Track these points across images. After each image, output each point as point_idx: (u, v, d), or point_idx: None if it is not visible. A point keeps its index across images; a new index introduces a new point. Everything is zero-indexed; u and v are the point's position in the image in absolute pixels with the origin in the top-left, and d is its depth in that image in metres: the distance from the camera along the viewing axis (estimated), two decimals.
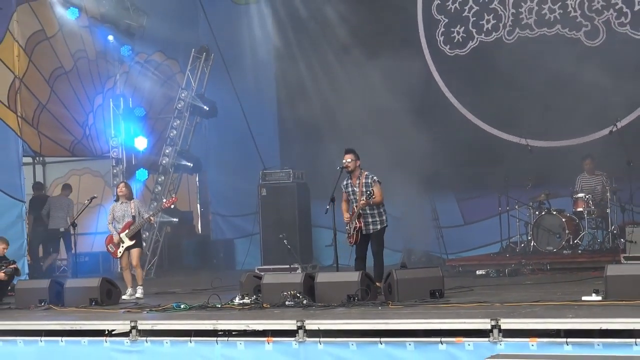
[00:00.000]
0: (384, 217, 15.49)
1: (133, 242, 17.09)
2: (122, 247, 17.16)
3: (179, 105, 23.68)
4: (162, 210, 19.69)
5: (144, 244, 19.66)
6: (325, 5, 21.68)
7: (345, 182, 15.48)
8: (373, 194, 15.06)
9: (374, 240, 15.47)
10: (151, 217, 17.42)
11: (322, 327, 12.16)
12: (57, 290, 16.08)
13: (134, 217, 17.12)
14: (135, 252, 17.19)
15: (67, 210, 22.12)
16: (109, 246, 17.53)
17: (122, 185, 17.75)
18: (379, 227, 15.42)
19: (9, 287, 17.47)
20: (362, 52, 21.01)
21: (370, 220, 15.34)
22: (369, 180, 15.34)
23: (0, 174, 20.11)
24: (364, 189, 15.29)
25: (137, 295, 16.70)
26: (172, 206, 20.24)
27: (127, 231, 17.11)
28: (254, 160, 22.25)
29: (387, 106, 19.83)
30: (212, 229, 25.08)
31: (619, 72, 19.26)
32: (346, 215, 15.39)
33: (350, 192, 15.41)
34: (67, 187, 19.48)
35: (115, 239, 17.19)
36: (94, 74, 23.10)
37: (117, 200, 17.46)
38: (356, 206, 15.31)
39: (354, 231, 15.35)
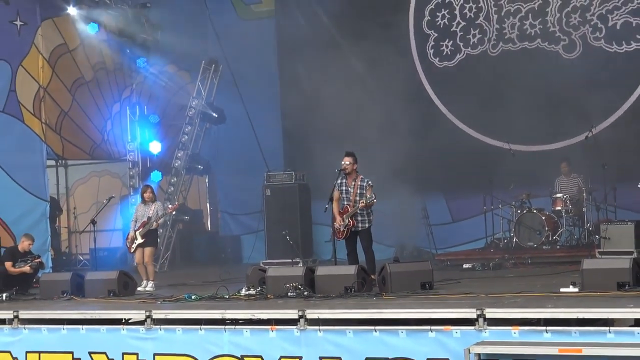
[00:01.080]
0: (372, 217, 15.51)
1: (144, 240, 17.18)
2: (135, 243, 17.28)
3: (190, 113, 23.75)
4: (166, 214, 19.70)
5: (159, 240, 19.69)
6: (326, 21, 21.70)
7: (339, 182, 15.46)
8: (374, 198, 15.14)
9: (364, 237, 15.49)
10: (155, 223, 17.45)
11: (322, 316, 12.16)
12: (78, 282, 16.09)
13: (149, 217, 17.22)
14: (147, 250, 17.32)
15: None
16: (126, 242, 17.69)
17: (145, 189, 17.96)
18: (367, 225, 15.45)
19: (34, 280, 17.49)
20: (359, 64, 21.01)
21: (359, 219, 15.35)
22: (364, 184, 15.37)
23: (26, 176, 20.14)
24: (359, 191, 15.32)
25: (148, 289, 16.73)
26: (174, 212, 20.32)
27: (140, 230, 17.22)
28: (259, 162, 22.27)
29: (382, 114, 19.82)
30: (220, 226, 25.08)
31: (594, 82, 19.28)
32: (338, 220, 15.41)
33: (344, 192, 15.42)
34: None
35: (131, 235, 17.34)
36: (112, 84, 23.11)
37: (142, 202, 17.60)
38: (349, 205, 15.34)
39: (344, 228, 15.38)
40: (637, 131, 17.83)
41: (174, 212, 20.36)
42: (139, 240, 17.25)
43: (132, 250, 17.46)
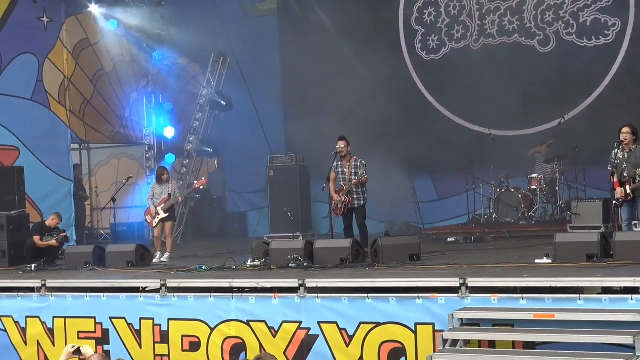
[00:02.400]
0: (366, 195, 15.53)
1: (167, 215, 17.21)
2: (158, 218, 17.28)
3: (201, 101, 23.81)
4: (193, 189, 19.75)
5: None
6: (324, 18, 21.64)
7: (335, 164, 15.51)
8: (366, 174, 15.17)
9: (359, 213, 15.51)
10: (180, 198, 17.50)
11: (320, 285, 12.19)
12: (100, 254, 16.10)
13: (169, 194, 17.25)
14: (168, 224, 17.37)
15: None
16: (147, 217, 17.67)
17: (160, 169, 18.08)
18: (362, 202, 15.47)
19: (60, 252, 17.49)
20: (354, 56, 20.95)
21: (355, 196, 15.38)
22: (358, 164, 15.41)
23: (53, 158, 20.14)
24: (353, 171, 15.34)
25: (163, 259, 16.74)
26: (202, 187, 20.30)
27: (162, 205, 17.22)
28: (263, 146, 22.25)
29: (374, 102, 19.82)
30: (228, 203, 25.07)
31: (566, 74, 19.28)
32: (335, 197, 15.43)
33: (340, 172, 15.46)
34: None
35: (153, 211, 17.33)
36: (130, 75, 23.08)
37: (157, 181, 17.59)
38: (345, 184, 15.36)
39: (342, 205, 15.40)
40: (605, 118, 17.79)
41: (202, 187, 20.48)
42: (162, 215, 17.27)
43: (154, 224, 17.47)
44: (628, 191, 13.64)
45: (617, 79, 18.98)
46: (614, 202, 14.18)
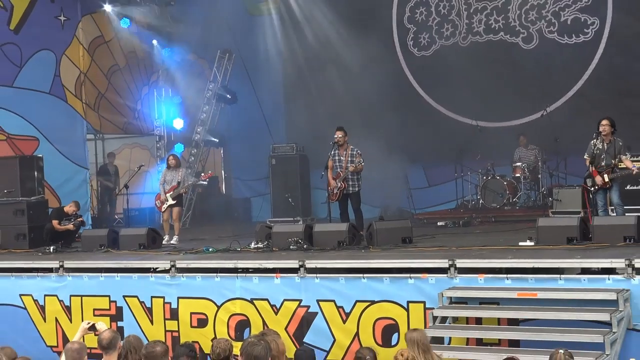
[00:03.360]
0: (361, 182, 15.57)
1: (175, 201, 17.22)
2: (166, 204, 17.29)
3: (208, 94, 23.79)
4: (200, 181, 19.75)
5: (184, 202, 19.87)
6: (321, 16, 21.58)
7: (333, 152, 15.54)
8: (362, 162, 15.24)
9: (354, 199, 15.56)
10: (183, 190, 17.49)
11: (318, 266, 12.20)
12: (114, 237, 16.11)
13: (179, 182, 17.27)
14: (176, 210, 17.37)
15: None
16: (156, 202, 17.70)
17: (171, 157, 18.02)
18: (357, 188, 15.52)
19: (77, 235, 17.50)
20: (349, 53, 20.91)
21: (350, 183, 15.43)
22: (354, 152, 15.44)
23: (70, 148, 20.14)
24: (350, 159, 15.36)
25: (173, 242, 16.75)
26: (206, 180, 20.33)
27: (171, 192, 17.22)
28: (266, 136, 22.22)
29: (369, 95, 19.79)
30: (233, 189, 25.09)
31: (548, 69, 19.28)
32: (332, 183, 15.45)
33: (337, 160, 15.50)
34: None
35: (162, 197, 17.34)
36: (142, 70, 23.05)
37: (168, 167, 17.60)
38: (341, 171, 15.38)
39: (337, 190, 15.44)
40: (584, 110, 17.80)
41: (206, 180, 20.47)
42: (171, 202, 17.29)
43: (163, 209, 17.49)
44: (606, 179, 13.66)
45: (596, 74, 18.98)
46: (589, 188, 14.17)
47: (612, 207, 13.83)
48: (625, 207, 13.97)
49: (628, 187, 14.69)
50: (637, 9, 18.42)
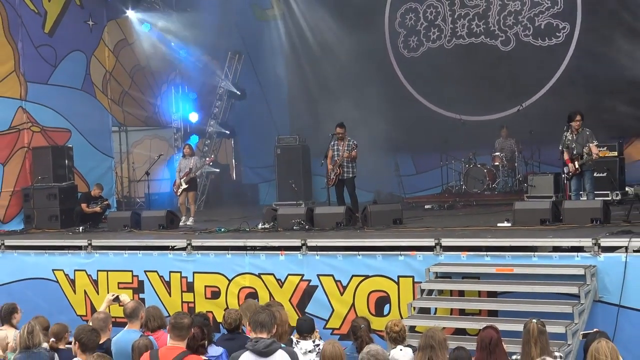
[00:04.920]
0: (356, 169, 15.59)
1: (187, 185, 17.31)
2: (181, 188, 17.35)
3: (220, 91, 23.81)
4: (205, 165, 19.85)
5: (198, 187, 19.92)
6: (321, 23, 21.50)
7: (333, 143, 15.63)
8: (355, 148, 15.37)
9: (349, 184, 15.59)
10: (193, 174, 17.57)
11: (319, 244, 12.23)
12: (136, 218, 16.12)
13: (190, 169, 17.36)
14: (190, 194, 17.51)
15: None
16: (173, 187, 17.82)
17: (186, 147, 18.36)
18: (351, 175, 15.55)
19: (103, 217, 17.54)
20: (346, 54, 20.86)
21: (345, 169, 15.47)
22: (351, 143, 15.49)
23: (97, 139, 20.12)
24: (346, 149, 15.40)
25: (189, 223, 16.78)
26: (210, 163, 20.53)
27: (185, 178, 17.27)
28: (271, 129, 22.20)
29: (364, 93, 19.73)
30: (242, 176, 25.06)
31: (524, 69, 19.21)
32: (330, 167, 15.50)
33: (335, 150, 15.52)
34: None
35: (177, 182, 17.44)
36: (161, 69, 23.00)
37: (183, 156, 17.77)
38: (338, 159, 15.41)
39: (334, 176, 15.48)
40: (556, 105, 17.74)
41: (210, 163, 20.67)
42: (184, 186, 17.38)
43: (179, 193, 17.56)
44: (577, 166, 13.67)
45: (567, 73, 18.94)
46: (564, 175, 14.19)
47: (582, 192, 13.84)
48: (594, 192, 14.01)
49: (595, 175, 14.67)
50: (603, 16, 18.38)
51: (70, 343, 8.19)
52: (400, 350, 6.43)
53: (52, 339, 8.45)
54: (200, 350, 7.31)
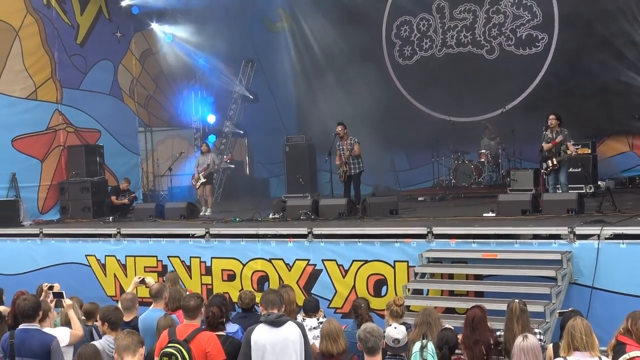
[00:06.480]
0: (361, 165, 15.59)
1: (205, 179, 17.36)
2: (199, 182, 17.39)
3: (235, 95, 23.82)
4: (224, 163, 19.95)
5: (214, 181, 19.90)
6: (325, 34, 21.52)
7: (338, 143, 15.60)
8: (356, 143, 15.45)
9: (355, 179, 15.59)
10: (211, 169, 17.63)
11: (323, 232, 12.23)
12: (160, 209, 16.18)
13: (208, 165, 17.40)
14: (207, 187, 17.55)
15: None
16: (192, 181, 17.85)
17: (203, 145, 18.59)
18: (357, 170, 15.54)
19: (131, 208, 17.58)
20: (347, 63, 20.87)
21: (352, 166, 15.46)
22: (352, 141, 15.48)
23: (125, 138, 20.19)
24: (349, 147, 15.38)
25: (207, 213, 16.81)
26: (228, 161, 20.56)
27: (203, 173, 17.30)
28: (281, 129, 22.21)
29: (363, 98, 19.65)
30: (255, 171, 25.07)
31: (507, 75, 19.13)
32: (338, 165, 15.49)
33: (340, 149, 15.51)
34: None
35: (196, 177, 17.48)
36: (182, 75, 22.99)
37: (201, 153, 17.84)
38: (344, 157, 15.41)
39: (343, 173, 15.48)
40: (535, 108, 17.70)
41: (228, 161, 20.72)
42: (202, 180, 17.42)
43: (197, 186, 17.61)
44: (554, 162, 13.66)
45: (545, 79, 18.91)
46: (542, 171, 14.18)
47: (559, 186, 13.84)
48: (569, 186, 14.00)
49: (571, 170, 14.67)
50: (578, 27, 18.32)
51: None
52: (395, 327, 6.44)
53: (83, 318, 8.53)
54: (219, 327, 7.33)
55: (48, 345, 7.13)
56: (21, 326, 7.35)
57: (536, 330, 7.64)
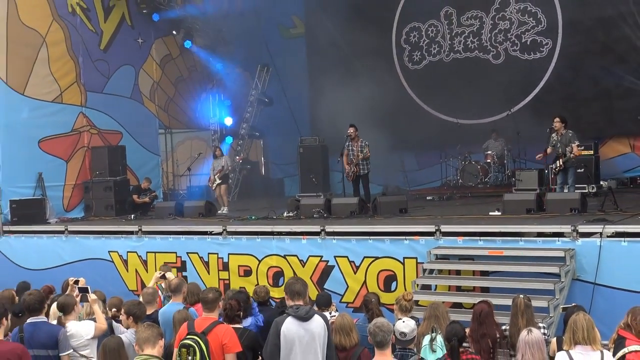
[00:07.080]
0: (370, 166, 15.58)
1: (220, 180, 17.45)
2: (215, 183, 17.45)
3: (251, 99, 23.81)
4: (236, 162, 20.00)
5: (230, 181, 19.95)
6: (337, 39, 21.52)
7: (347, 144, 15.61)
8: (367, 150, 15.34)
9: (364, 179, 15.61)
10: (225, 171, 17.74)
11: (335, 230, 12.24)
12: (180, 208, 16.22)
13: (222, 166, 17.46)
14: (223, 187, 17.62)
15: None
16: (209, 182, 17.88)
17: (217, 149, 18.63)
18: (367, 171, 15.56)
19: (152, 206, 17.63)
20: (360, 67, 20.87)
21: (361, 167, 15.48)
22: (363, 144, 15.47)
23: (145, 139, 20.24)
24: (360, 149, 15.38)
25: (224, 212, 16.84)
26: (240, 161, 20.58)
27: (218, 174, 17.35)
28: (295, 131, 22.21)
29: (375, 101, 19.62)
30: (270, 171, 25.09)
31: (512, 79, 19.07)
32: (347, 168, 15.60)
33: (350, 150, 15.50)
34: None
35: (212, 178, 17.55)
36: (201, 79, 23.05)
37: (214, 157, 17.91)
38: (354, 158, 15.40)
39: (352, 173, 15.48)
40: (540, 110, 17.65)
41: (240, 161, 20.80)
42: (218, 181, 17.47)
43: (214, 188, 17.66)
44: (560, 163, 13.61)
45: (549, 83, 18.85)
46: (553, 169, 14.10)
47: (567, 185, 13.79)
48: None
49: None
50: (582, 33, 18.26)
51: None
52: (403, 322, 6.43)
53: (110, 310, 8.58)
54: (236, 320, 7.36)
55: (55, 336, 7.29)
56: (29, 320, 7.43)
57: (540, 325, 7.62)
